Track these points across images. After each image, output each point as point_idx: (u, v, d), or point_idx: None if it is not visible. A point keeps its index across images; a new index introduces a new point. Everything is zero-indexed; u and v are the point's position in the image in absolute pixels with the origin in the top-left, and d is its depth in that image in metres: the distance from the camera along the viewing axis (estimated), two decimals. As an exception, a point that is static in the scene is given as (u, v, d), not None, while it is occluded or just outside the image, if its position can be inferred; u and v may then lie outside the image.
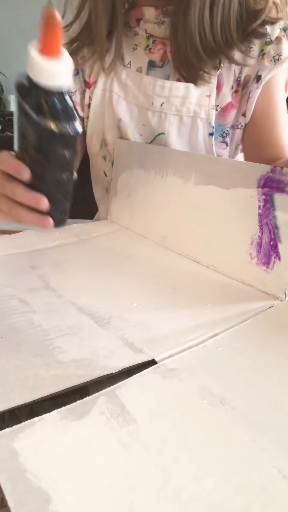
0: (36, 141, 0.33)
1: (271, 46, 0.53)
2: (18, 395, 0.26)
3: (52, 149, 0.34)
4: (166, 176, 0.53)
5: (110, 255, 0.51)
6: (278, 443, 0.24)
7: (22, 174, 0.36)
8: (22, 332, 0.33)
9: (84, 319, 0.36)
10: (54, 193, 0.37)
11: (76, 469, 0.22)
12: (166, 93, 0.56)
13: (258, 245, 0.42)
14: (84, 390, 0.28)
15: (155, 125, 0.59)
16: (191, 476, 0.22)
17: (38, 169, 0.35)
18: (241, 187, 0.43)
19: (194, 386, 0.28)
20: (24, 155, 0.35)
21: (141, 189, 0.57)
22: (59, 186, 0.37)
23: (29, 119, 0.32)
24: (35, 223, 0.39)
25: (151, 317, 0.37)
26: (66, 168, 0.36)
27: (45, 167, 0.35)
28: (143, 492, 0.21)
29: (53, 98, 0.31)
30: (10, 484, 0.20)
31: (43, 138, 0.33)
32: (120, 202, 0.61)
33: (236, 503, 0.20)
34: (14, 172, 0.37)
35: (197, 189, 0.48)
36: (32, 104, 0.32)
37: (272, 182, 0.40)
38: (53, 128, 0.32)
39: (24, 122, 0.33)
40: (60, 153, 0.34)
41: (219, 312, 0.38)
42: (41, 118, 0.31)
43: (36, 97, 0.31)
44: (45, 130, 0.32)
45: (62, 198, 0.38)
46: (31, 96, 0.32)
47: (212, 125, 0.56)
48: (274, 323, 0.36)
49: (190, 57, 0.53)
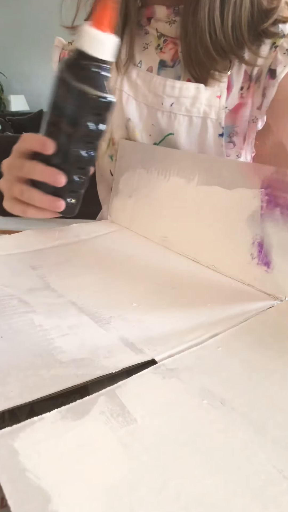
0: (74, 110, 0.36)
1: (284, 40, 0.52)
2: (18, 394, 0.26)
3: (88, 117, 0.36)
4: (169, 176, 0.53)
5: (110, 255, 0.51)
6: (278, 443, 0.24)
7: (47, 146, 0.38)
8: (22, 332, 0.33)
9: (84, 319, 0.36)
10: (73, 172, 0.39)
11: (76, 468, 0.22)
12: (176, 93, 0.56)
13: (260, 245, 0.42)
14: (84, 390, 0.28)
15: (164, 125, 0.59)
16: (191, 476, 0.22)
17: (64, 144, 0.38)
18: (244, 188, 0.43)
19: (194, 386, 0.28)
20: (53, 130, 0.38)
21: (143, 189, 0.57)
22: (80, 163, 0.39)
23: (70, 88, 0.35)
24: (47, 204, 0.40)
25: (151, 317, 0.37)
26: (92, 144, 0.38)
27: (73, 140, 0.37)
28: (143, 492, 0.21)
29: (98, 68, 0.34)
30: (10, 484, 0.20)
31: (83, 105, 0.35)
32: (121, 202, 0.61)
33: (236, 503, 0.20)
34: (39, 147, 0.38)
35: (200, 190, 0.49)
36: (77, 73, 0.35)
37: (276, 183, 0.40)
38: (95, 94, 0.35)
39: (63, 93, 0.36)
40: (95, 120, 0.36)
41: (219, 312, 0.38)
42: (84, 85, 0.34)
43: (83, 67, 0.34)
44: (87, 96, 0.35)
45: (79, 182, 0.40)
46: (77, 67, 0.35)
47: (222, 126, 0.56)
48: (274, 323, 0.37)
49: (201, 56, 0.53)
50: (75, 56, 0.34)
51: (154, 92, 0.58)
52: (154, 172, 0.55)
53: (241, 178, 0.44)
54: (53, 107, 0.37)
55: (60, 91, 0.36)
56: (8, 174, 0.43)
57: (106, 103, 0.36)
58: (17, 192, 0.41)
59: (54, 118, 0.37)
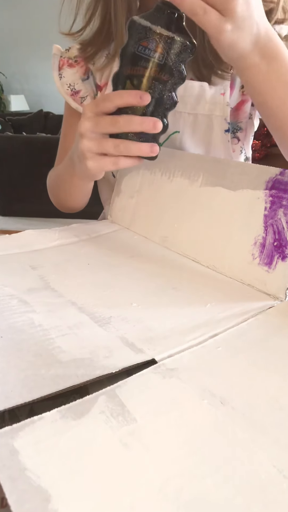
0: (166, 57, 0.42)
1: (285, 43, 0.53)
2: (18, 394, 0.26)
3: (179, 61, 0.42)
4: (172, 177, 0.53)
5: (110, 255, 0.51)
6: (278, 443, 0.24)
7: (144, 98, 0.42)
8: (22, 332, 0.33)
9: (84, 319, 0.36)
10: (163, 116, 0.45)
11: (76, 467, 0.22)
12: (181, 92, 0.57)
13: (262, 246, 0.42)
14: (84, 390, 0.28)
15: (169, 123, 0.59)
16: (191, 476, 0.22)
17: (156, 91, 0.43)
18: (248, 189, 0.43)
19: (194, 386, 0.28)
20: (142, 82, 0.43)
21: (145, 190, 0.57)
22: (171, 106, 0.45)
23: (162, 38, 0.41)
24: (146, 151, 0.45)
25: (151, 317, 0.37)
26: (176, 87, 0.44)
27: (165, 86, 0.43)
28: (143, 492, 0.21)
29: (183, 19, 0.41)
30: (10, 483, 0.20)
31: (175, 51, 0.41)
32: (123, 202, 0.61)
33: (236, 503, 0.20)
34: (135, 100, 0.43)
35: (203, 190, 0.49)
36: (168, 25, 0.40)
37: (280, 184, 0.41)
38: (184, 40, 0.41)
39: (154, 44, 0.41)
40: (184, 64, 0.42)
41: (219, 312, 0.38)
42: (176, 34, 0.41)
43: (172, 19, 0.40)
44: (179, 42, 0.41)
45: (167, 124, 0.46)
46: (164, 20, 0.40)
47: (227, 122, 0.56)
48: (274, 323, 0.37)
49: (209, 59, 0.53)
50: (161, 10, 0.40)
51: None
52: (158, 173, 0.55)
53: (245, 179, 0.44)
54: (131, 60, 0.42)
55: (151, 43, 0.41)
56: (92, 133, 0.46)
57: (193, 45, 0.41)
58: (110, 147, 0.45)
59: (144, 68, 0.42)
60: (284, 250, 0.40)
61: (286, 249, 0.40)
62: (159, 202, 0.55)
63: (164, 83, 0.43)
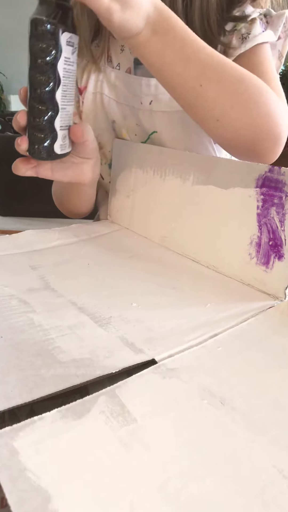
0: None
1: (244, 25, 0.53)
2: (18, 394, 0.26)
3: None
4: (164, 176, 0.53)
5: (110, 255, 0.51)
6: (278, 443, 0.24)
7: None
8: (22, 332, 0.33)
9: (84, 319, 0.36)
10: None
11: (76, 467, 0.22)
12: (153, 91, 0.57)
13: (257, 245, 0.42)
14: (84, 390, 0.28)
15: (146, 124, 0.59)
16: (191, 476, 0.22)
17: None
18: (240, 187, 0.43)
19: (194, 386, 0.28)
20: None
21: (140, 189, 0.57)
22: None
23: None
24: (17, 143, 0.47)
25: (151, 317, 0.37)
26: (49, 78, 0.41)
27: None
28: (143, 492, 0.21)
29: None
30: (10, 483, 0.20)
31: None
32: (119, 202, 0.61)
33: (236, 503, 0.20)
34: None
35: (196, 189, 0.48)
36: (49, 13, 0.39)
37: (270, 181, 0.40)
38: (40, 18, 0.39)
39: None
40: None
41: (219, 312, 0.38)
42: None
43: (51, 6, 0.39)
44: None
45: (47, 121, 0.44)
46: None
47: None
48: (274, 323, 0.37)
49: None
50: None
51: (133, 92, 0.58)
52: (150, 171, 0.55)
53: (236, 177, 0.44)
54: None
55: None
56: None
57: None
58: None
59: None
60: (280, 250, 0.40)
61: (281, 248, 0.40)
62: (154, 202, 0.55)
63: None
